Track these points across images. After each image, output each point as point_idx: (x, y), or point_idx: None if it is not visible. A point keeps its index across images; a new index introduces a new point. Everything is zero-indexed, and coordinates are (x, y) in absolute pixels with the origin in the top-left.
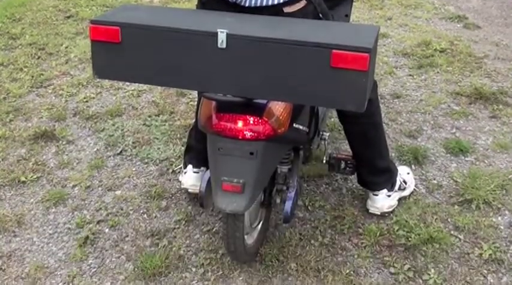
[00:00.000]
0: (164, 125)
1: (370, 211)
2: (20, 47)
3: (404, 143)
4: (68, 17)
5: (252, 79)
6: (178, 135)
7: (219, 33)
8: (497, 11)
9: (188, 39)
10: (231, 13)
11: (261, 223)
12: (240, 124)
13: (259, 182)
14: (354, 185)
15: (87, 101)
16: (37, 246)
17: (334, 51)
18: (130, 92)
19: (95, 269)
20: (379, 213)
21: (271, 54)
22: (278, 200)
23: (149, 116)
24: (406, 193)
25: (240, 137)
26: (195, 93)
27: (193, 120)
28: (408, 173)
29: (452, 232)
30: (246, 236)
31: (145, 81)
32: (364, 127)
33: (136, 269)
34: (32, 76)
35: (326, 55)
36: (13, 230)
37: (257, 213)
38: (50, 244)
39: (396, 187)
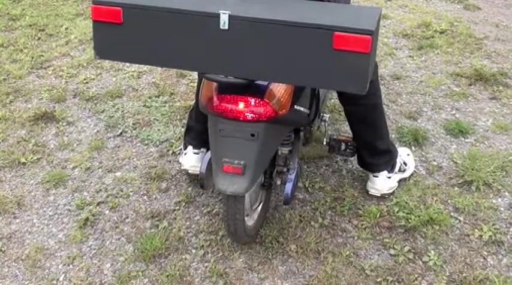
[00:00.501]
0: (164, 106)
1: (370, 193)
2: (20, 28)
3: (404, 125)
4: None
5: (254, 61)
6: (179, 116)
7: (221, 14)
8: None
9: (190, 20)
10: None
11: (261, 204)
12: (241, 105)
13: (260, 164)
14: (354, 167)
15: (87, 82)
16: (37, 227)
17: (336, 33)
18: (131, 73)
19: (95, 251)
20: (379, 195)
21: (273, 35)
22: (278, 182)
23: (149, 97)
24: (406, 174)
25: (241, 118)
26: (195, 74)
27: (194, 101)
28: (408, 155)
29: (452, 214)
30: (246, 218)
31: (147, 62)
32: (365, 109)
33: (136, 250)
34: (32, 58)
35: (328, 37)
36: (13, 211)
37: (257, 195)
38: (50, 226)
39: (396, 169)
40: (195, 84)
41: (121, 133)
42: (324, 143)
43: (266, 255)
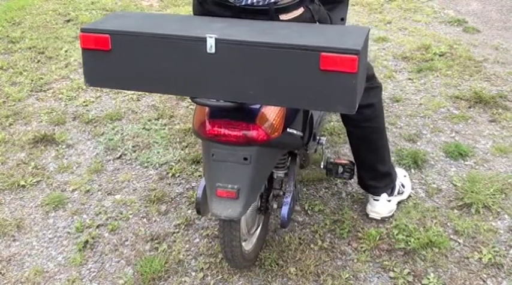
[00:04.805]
0: (164, 129)
1: (370, 216)
2: (19, 50)
3: (403, 147)
4: (68, 21)
5: (242, 83)
6: (178, 139)
7: (207, 38)
8: (496, 14)
9: (177, 45)
10: (221, 18)
11: (259, 228)
12: (233, 129)
13: (254, 188)
14: (354, 190)
15: (86, 105)
16: (36, 250)
17: (322, 53)
18: (130, 96)
19: (94, 274)
20: (379, 218)
21: (260, 58)
22: (275, 206)
23: (149, 120)
24: (404, 196)
25: (233, 142)
26: None
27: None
28: (405, 176)
29: (451, 236)
30: (244, 243)
31: (136, 88)
32: (367, 131)
33: (135, 273)
34: (32, 80)
35: (315, 58)
36: (12, 234)
37: (254, 219)
38: (50, 248)
39: (396, 192)
40: (194, 107)
41: (120, 155)
42: (322, 166)
43: (265, 278)
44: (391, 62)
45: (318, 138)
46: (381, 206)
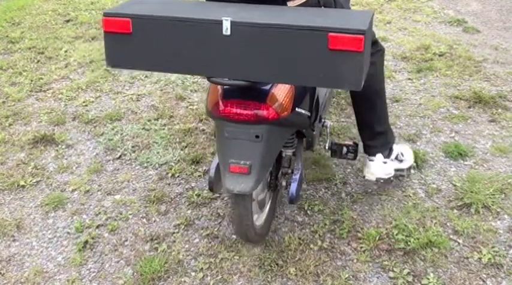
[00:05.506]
0: (163, 129)
1: (366, 178)
2: (19, 50)
3: None
4: (67, 21)
5: (255, 63)
6: (178, 139)
7: (223, 20)
8: (496, 14)
9: (195, 27)
10: (234, 3)
11: (269, 205)
12: (245, 109)
13: (264, 164)
14: (353, 190)
15: (86, 105)
16: (36, 250)
17: (330, 34)
18: (130, 96)
19: (94, 274)
20: (374, 179)
21: (272, 39)
22: (284, 183)
23: (148, 120)
24: (403, 165)
25: (245, 121)
26: (194, 97)
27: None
28: (407, 150)
29: (451, 236)
30: (255, 218)
31: (156, 69)
32: (368, 91)
33: (135, 273)
34: (31, 80)
35: (324, 39)
36: (12, 234)
37: (264, 196)
38: (49, 248)
39: (393, 156)
40: (194, 107)
41: (120, 156)
42: (326, 148)
43: (265, 278)
44: (390, 62)
45: (323, 120)
46: (376, 166)
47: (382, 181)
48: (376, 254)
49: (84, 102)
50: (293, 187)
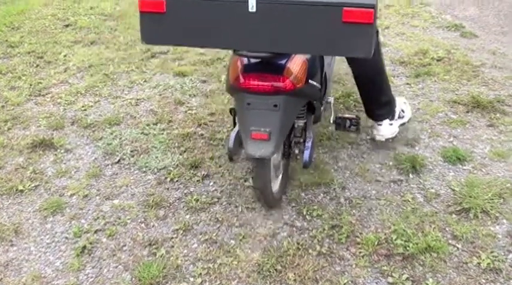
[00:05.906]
0: (162, 134)
1: (376, 139)
2: (18, 55)
3: (401, 152)
4: (67, 26)
5: (279, 36)
6: (176, 144)
7: None
8: (494, 19)
9: (223, 6)
10: None
11: (282, 174)
12: (264, 81)
13: (282, 131)
14: (352, 194)
15: (85, 110)
16: (34, 255)
17: (345, 8)
18: (129, 101)
19: (92, 279)
20: (383, 139)
21: (293, 14)
22: (297, 151)
23: (147, 125)
24: (405, 119)
25: (264, 92)
26: (193, 102)
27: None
28: (405, 103)
29: (450, 241)
30: (271, 184)
31: (187, 44)
32: (369, 70)
33: (133, 278)
34: (30, 85)
35: (338, 13)
36: (10, 239)
37: (279, 163)
38: (48, 253)
39: (396, 116)
40: (193, 112)
41: (119, 160)
42: (331, 121)
43: (264, 284)
44: (388, 67)
45: (327, 97)
46: (384, 129)
47: (390, 140)
48: (375, 259)
49: (83, 107)
50: (306, 154)
